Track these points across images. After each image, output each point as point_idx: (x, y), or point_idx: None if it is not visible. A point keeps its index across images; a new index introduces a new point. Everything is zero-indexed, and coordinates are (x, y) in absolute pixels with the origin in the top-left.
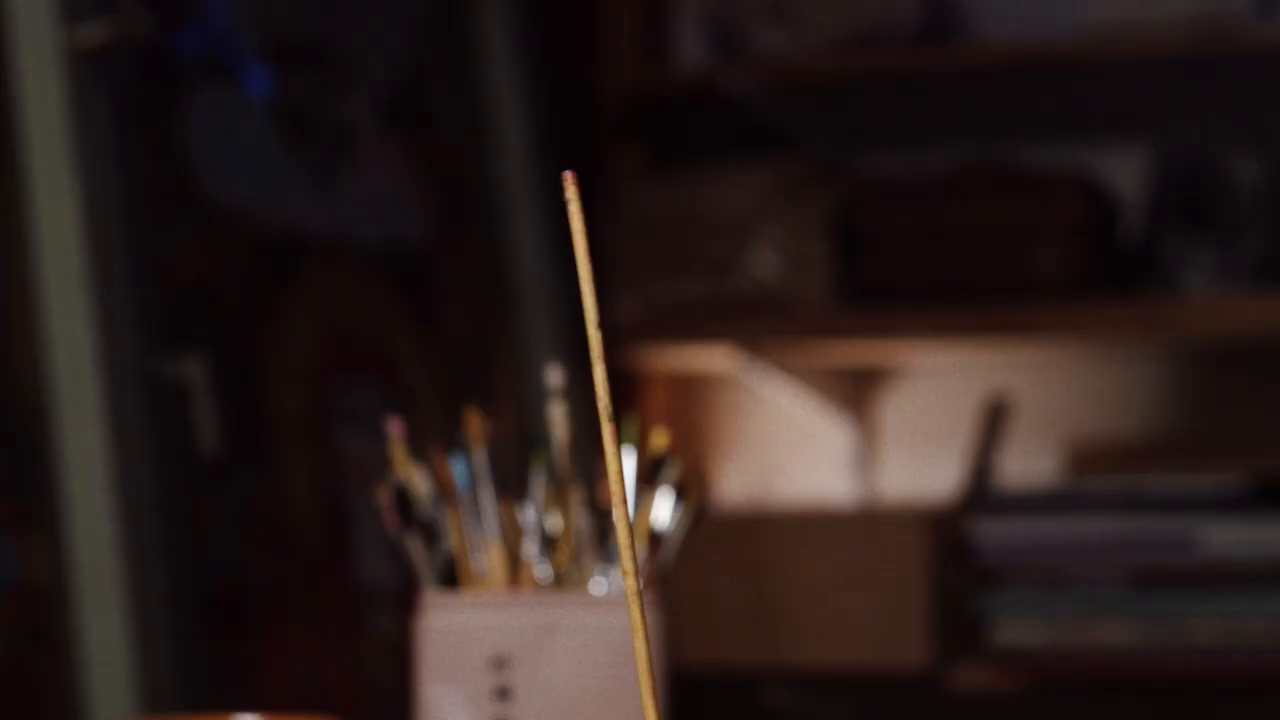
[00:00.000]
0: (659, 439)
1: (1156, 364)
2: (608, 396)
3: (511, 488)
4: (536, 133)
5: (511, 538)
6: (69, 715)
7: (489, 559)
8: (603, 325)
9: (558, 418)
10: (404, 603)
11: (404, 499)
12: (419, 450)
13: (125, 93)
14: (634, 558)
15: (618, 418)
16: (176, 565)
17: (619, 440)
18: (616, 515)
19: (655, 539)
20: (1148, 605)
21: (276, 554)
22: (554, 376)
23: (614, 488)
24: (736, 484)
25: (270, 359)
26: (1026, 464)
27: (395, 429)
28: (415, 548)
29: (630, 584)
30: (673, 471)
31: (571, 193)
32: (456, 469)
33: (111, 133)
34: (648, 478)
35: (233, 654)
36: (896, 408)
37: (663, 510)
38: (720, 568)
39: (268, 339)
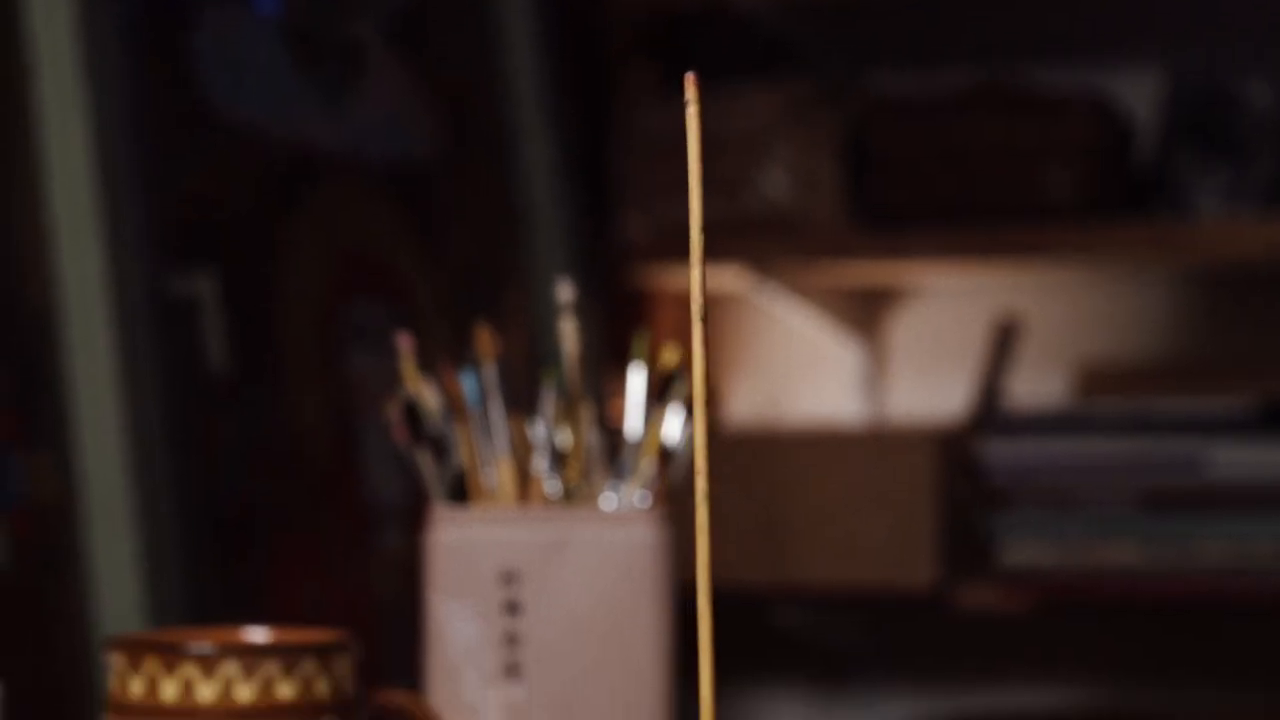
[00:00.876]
0: (669, 355)
1: (1167, 286)
2: (703, 297)
3: (521, 403)
4: (546, 52)
5: (521, 453)
6: (77, 631)
7: (499, 474)
8: (613, 245)
9: (568, 333)
10: (413, 520)
11: (414, 414)
12: (428, 366)
13: (133, 10)
14: (704, 455)
15: (706, 317)
16: (185, 483)
17: (705, 341)
18: (697, 417)
19: (665, 455)
20: (1156, 526)
21: (286, 472)
22: (564, 292)
23: (697, 388)
24: (746, 404)
25: (279, 277)
26: (1036, 385)
27: (405, 344)
28: (425, 463)
29: (700, 484)
30: (682, 388)
31: (691, 94)
32: (466, 384)
33: (119, 50)
34: (658, 394)
35: (242, 571)
36: (906, 328)
37: (672, 426)
38: (729, 487)
39: (277, 257)
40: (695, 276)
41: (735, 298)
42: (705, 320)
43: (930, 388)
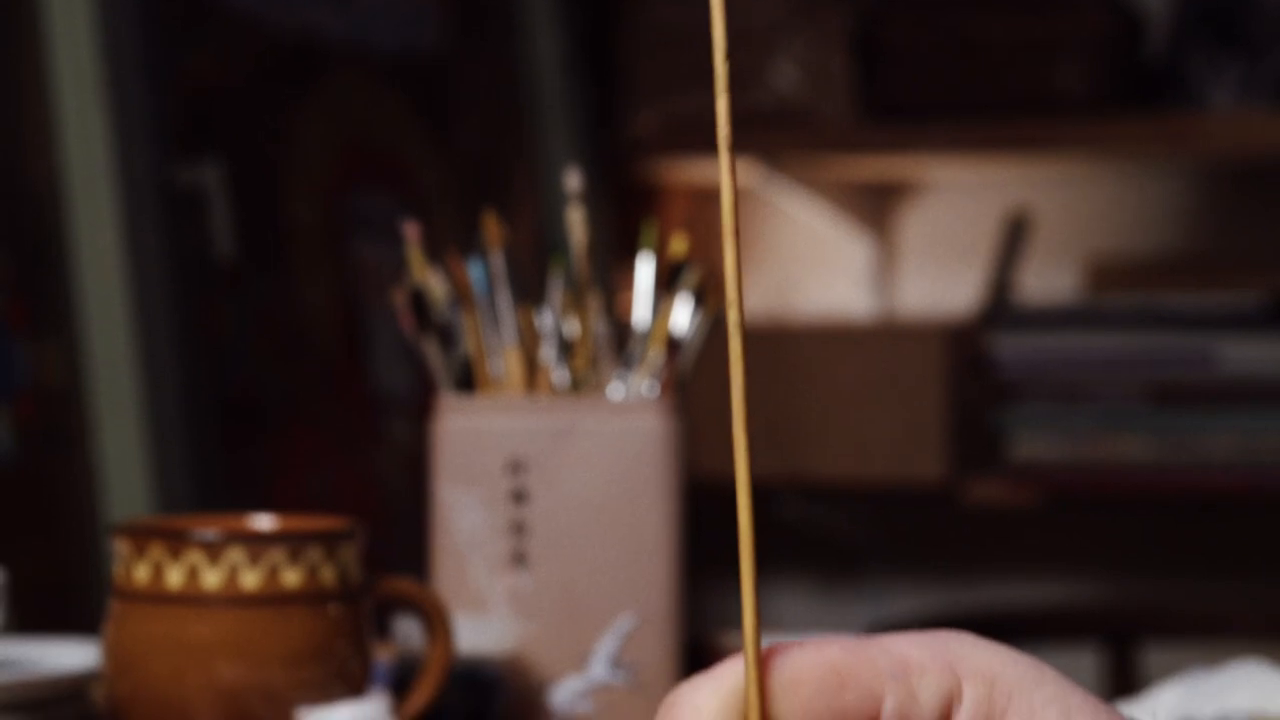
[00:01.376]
0: (678, 244)
1: (1178, 181)
2: (728, 126)
3: (529, 292)
4: None
5: (529, 342)
6: (84, 516)
7: (506, 363)
8: (622, 139)
9: (575, 222)
10: (420, 410)
11: (420, 302)
12: (436, 254)
13: None
14: (739, 281)
15: (733, 148)
16: (191, 371)
17: (734, 172)
18: (727, 246)
19: (673, 344)
20: (1164, 421)
21: (292, 361)
22: (572, 181)
23: (726, 222)
24: (755, 298)
25: (285, 166)
26: (1046, 280)
27: (411, 232)
28: (431, 351)
29: (733, 316)
30: (691, 277)
31: None
32: (473, 272)
33: None
34: (666, 283)
35: (248, 460)
36: (916, 223)
37: (681, 315)
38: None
39: (283, 146)
40: (721, 106)
41: (745, 192)
42: (731, 152)
43: (940, 282)
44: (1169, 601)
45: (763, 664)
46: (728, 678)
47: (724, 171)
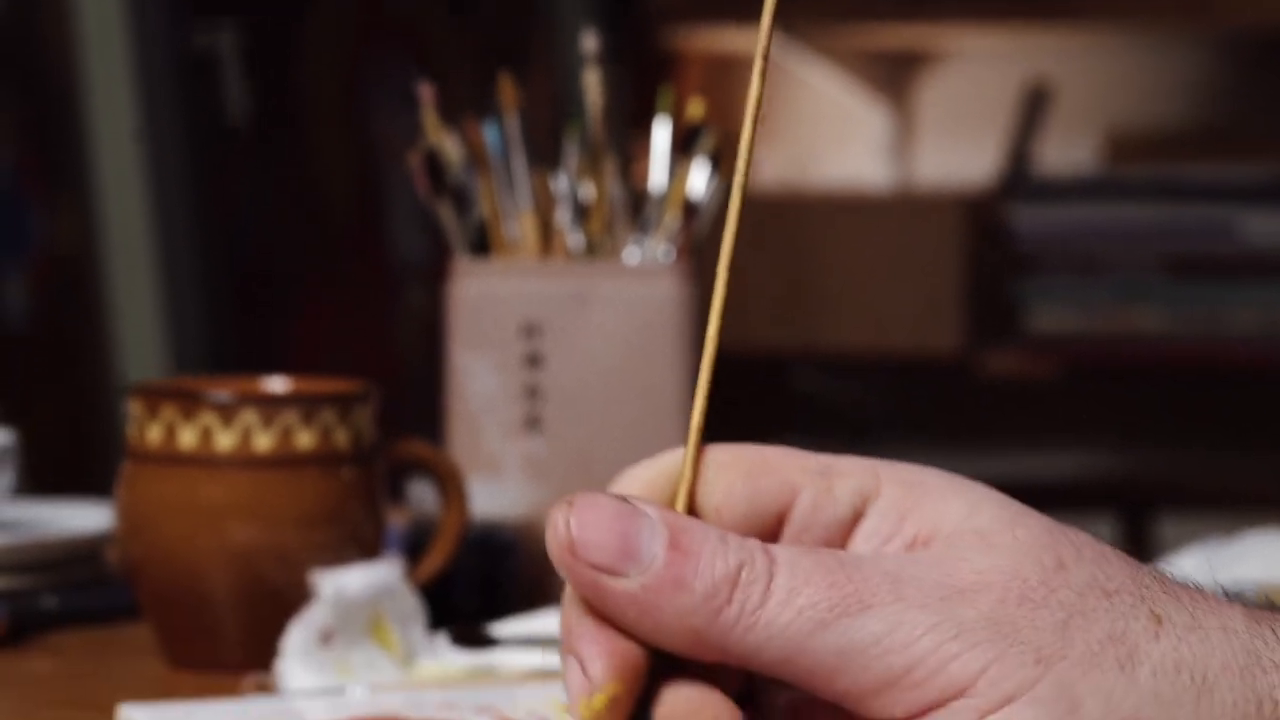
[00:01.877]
0: (695, 108)
1: (1199, 51)
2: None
3: (544, 156)
4: None
5: (544, 206)
6: (97, 379)
7: (521, 226)
8: (641, 6)
9: (592, 85)
10: (435, 277)
11: (435, 164)
12: (451, 117)
13: None
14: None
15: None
16: (205, 235)
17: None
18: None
19: (689, 208)
20: (1183, 293)
21: (307, 227)
22: (588, 42)
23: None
24: (772, 168)
25: (302, 30)
26: (1065, 150)
27: (426, 94)
28: (446, 214)
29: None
30: (708, 141)
31: None
32: (489, 135)
33: None
34: (683, 147)
35: (263, 325)
36: (935, 93)
37: (698, 180)
38: (754, 250)
39: (299, 10)
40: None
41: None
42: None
43: (958, 153)
44: (1185, 473)
45: (700, 451)
46: (666, 459)
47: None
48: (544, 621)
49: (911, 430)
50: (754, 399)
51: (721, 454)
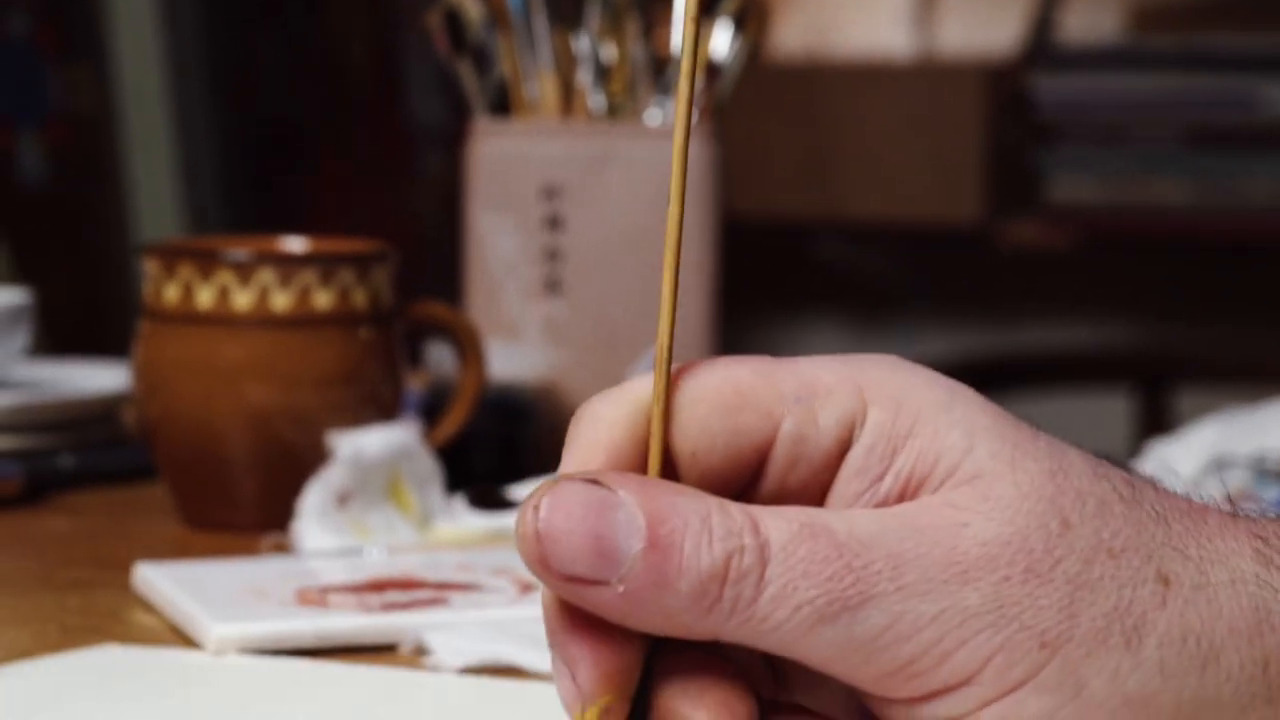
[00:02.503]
0: None
1: None
2: None
3: (566, 16)
4: None
5: (565, 66)
6: (115, 238)
7: (542, 87)
8: None
9: None
10: (454, 140)
11: (455, 22)
12: None
13: None
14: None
15: None
16: (223, 96)
17: None
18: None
19: (712, 70)
20: (1204, 164)
21: (327, 90)
22: None
23: None
24: (794, 35)
25: None
26: (1088, 19)
27: None
28: (466, 74)
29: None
30: (731, 3)
31: None
32: None
33: None
34: (706, 8)
35: (281, 189)
36: None
37: (720, 40)
38: (775, 118)
39: None
40: None
41: None
42: None
43: (981, 21)
44: (1203, 346)
45: (674, 382)
46: (633, 391)
47: None
48: None
49: (930, 300)
50: (774, 267)
51: (694, 388)
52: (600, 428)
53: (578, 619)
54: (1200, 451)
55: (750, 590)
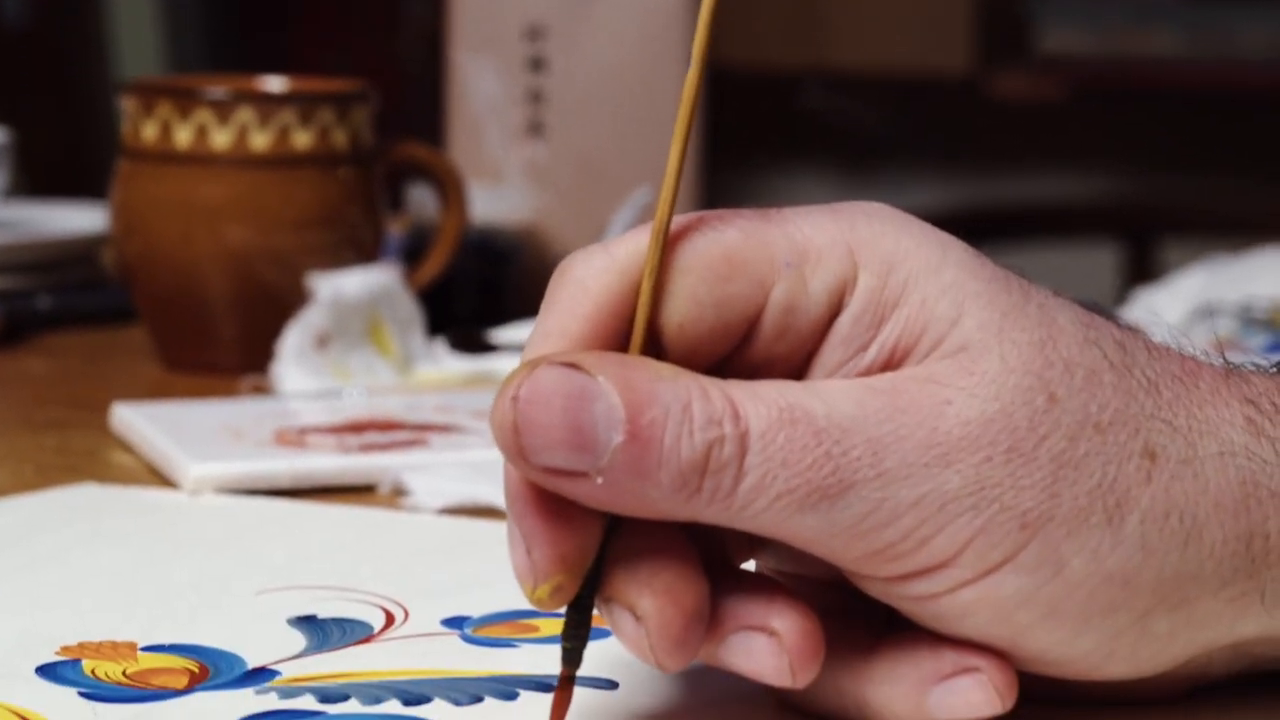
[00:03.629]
0: None
1: None
2: None
3: None
4: None
5: None
6: (96, 77)
7: None
8: None
9: None
10: None
11: None
12: None
13: None
14: None
15: None
16: None
17: None
18: None
19: None
20: (1197, 14)
21: None
22: None
23: None
24: None
25: None
26: None
27: None
28: None
29: None
30: None
31: None
32: None
33: None
34: None
35: (262, 32)
36: None
37: None
38: None
39: None
40: None
41: None
42: None
43: None
44: (1192, 198)
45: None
46: (618, 255)
47: None
48: None
49: (918, 150)
50: (762, 117)
51: (681, 255)
52: (582, 294)
53: (539, 497)
54: (1187, 299)
55: (729, 480)
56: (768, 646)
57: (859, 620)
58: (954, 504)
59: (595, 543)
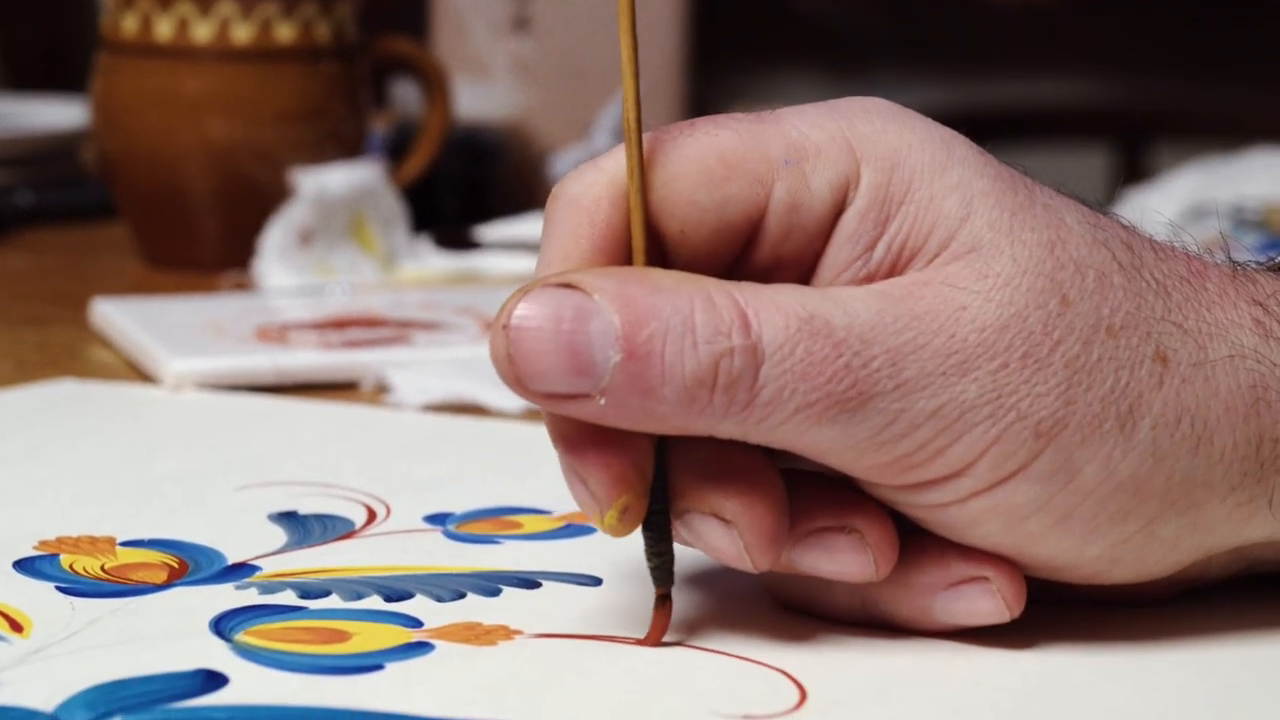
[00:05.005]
0: None
1: None
2: None
3: None
4: None
5: None
6: None
7: None
8: None
9: None
10: None
11: None
12: None
13: None
14: None
15: None
16: None
17: None
18: None
19: None
20: None
21: None
22: None
23: None
24: None
25: None
26: None
27: None
28: None
29: None
30: None
31: None
32: None
33: None
34: None
35: None
36: None
37: None
38: None
39: None
40: None
41: None
42: None
43: None
44: (1186, 102)
45: (649, 154)
46: (608, 168)
47: None
48: (528, 226)
49: (910, 53)
50: (753, 19)
51: (675, 160)
52: (577, 214)
53: (577, 426)
54: (1179, 200)
55: (744, 394)
56: (850, 544)
57: None
58: (971, 413)
59: (649, 457)
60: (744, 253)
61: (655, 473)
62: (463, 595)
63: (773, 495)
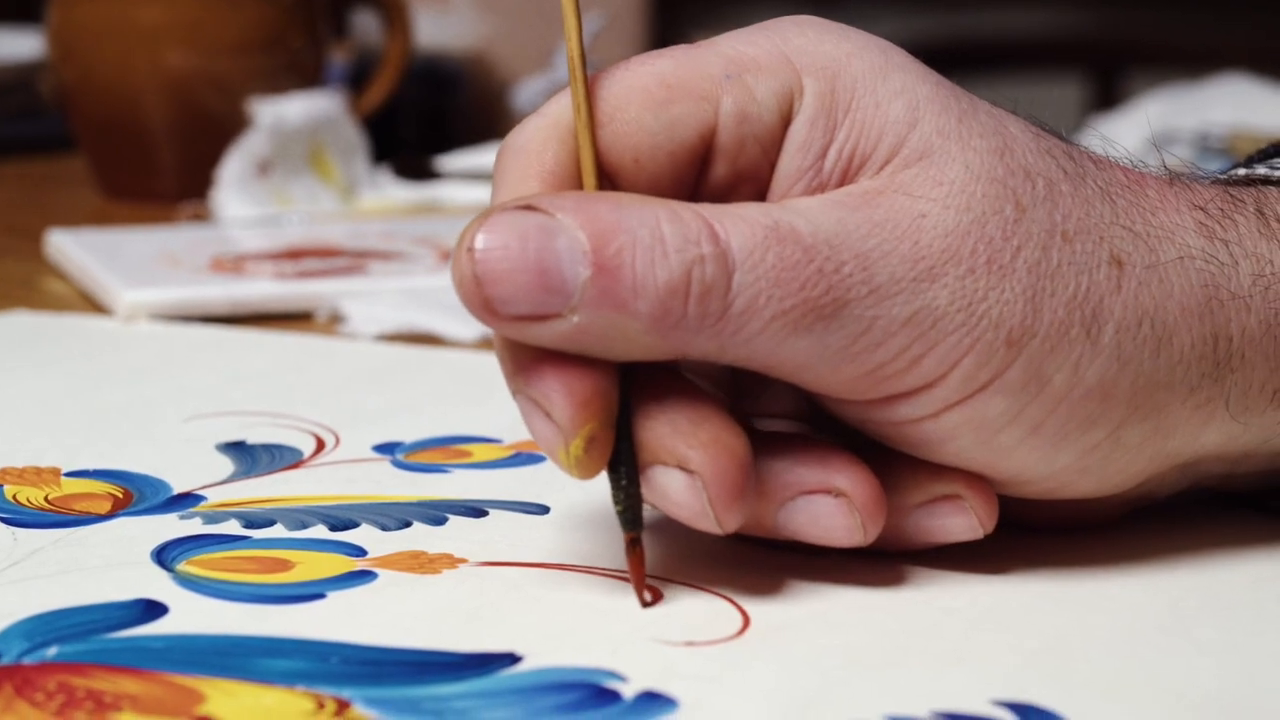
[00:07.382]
0: None
1: None
2: None
3: None
4: None
5: None
6: None
7: None
8: None
9: None
10: None
11: None
12: None
13: None
14: None
15: None
16: None
17: None
18: None
19: None
20: None
21: None
22: None
23: None
24: None
25: None
26: None
27: None
28: None
29: None
30: None
31: None
32: None
33: None
34: None
35: None
36: None
37: None
38: None
39: None
40: None
41: None
42: None
43: None
44: (1159, 32)
45: (590, 92)
46: (553, 113)
47: None
48: (489, 155)
49: None
50: None
51: (617, 92)
52: (526, 160)
53: (537, 355)
54: (1144, 127)
55: (717, 303)
56: (836, 508)
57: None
58: (945, 321)
59: (614, 386)
60: (700, 177)
61: (620, 411)
62: (408, 524)
63: (737, 448)
